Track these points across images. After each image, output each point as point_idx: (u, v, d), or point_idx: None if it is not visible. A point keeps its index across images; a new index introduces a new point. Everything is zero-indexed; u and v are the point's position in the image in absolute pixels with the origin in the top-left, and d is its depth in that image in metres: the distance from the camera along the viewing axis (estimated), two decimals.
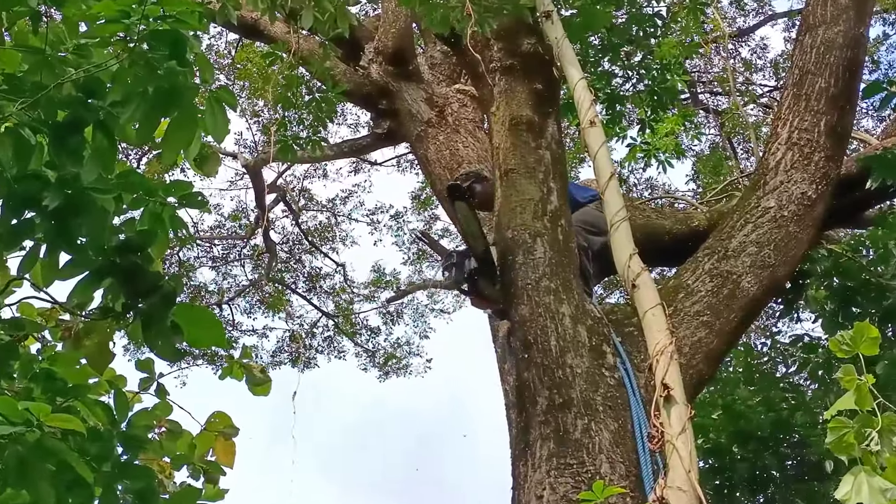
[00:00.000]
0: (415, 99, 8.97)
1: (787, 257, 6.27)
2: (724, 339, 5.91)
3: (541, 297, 5.47)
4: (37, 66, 3.44)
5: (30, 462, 3.19)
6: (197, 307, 4.05)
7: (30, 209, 3.50)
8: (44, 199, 3.42)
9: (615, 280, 14.65)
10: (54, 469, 3.27)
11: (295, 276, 18.68)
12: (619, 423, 5.02)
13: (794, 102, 6.75)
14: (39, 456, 3.20)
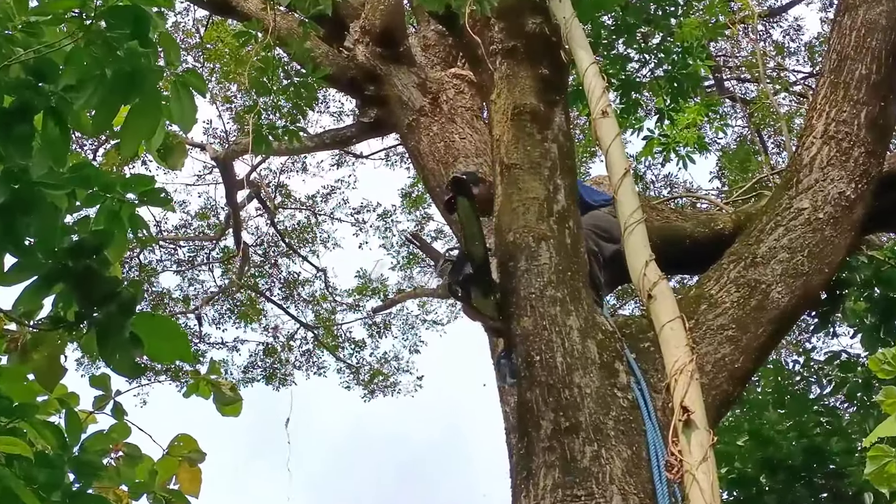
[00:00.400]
0: (406, 84, 8.98)
1: (823, 265, 6.28)
2: (751, 357, 5.90)
3: (545, 307, 5.47)
4: None
5: None
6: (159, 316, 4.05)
7: None
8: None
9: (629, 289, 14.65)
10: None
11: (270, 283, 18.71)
12: (632, 449, 5.02)
13: (832, 91, 6.76)
14: None
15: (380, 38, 9.17)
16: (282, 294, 18.75)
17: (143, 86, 3.46)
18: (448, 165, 8.14)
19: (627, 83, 8.28)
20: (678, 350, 3.20)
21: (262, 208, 17.79)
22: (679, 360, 3.14)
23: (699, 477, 2.76)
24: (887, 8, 6.75)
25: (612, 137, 4.26)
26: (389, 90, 9.06)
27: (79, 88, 3.40)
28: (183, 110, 3.66)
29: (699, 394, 3.03)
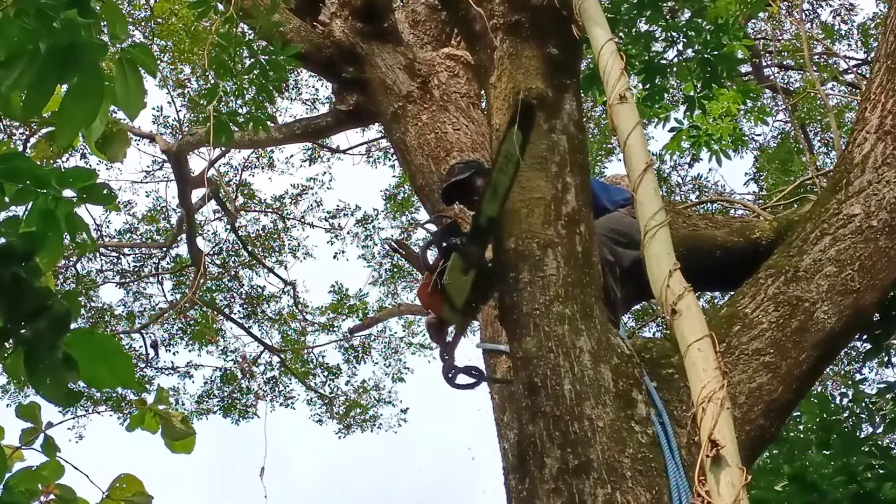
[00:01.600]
0: (391, 66, 9.00)
1: (877, 280, 6.30)
2: (791, 387, 5.92)
3: (552, 326, 5.48)
4: None
5: None
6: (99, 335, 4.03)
7: None
8: None
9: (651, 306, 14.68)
10: None
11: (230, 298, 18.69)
12: (652, 493, 5.03)
13: (888, 79, 6.80)
14: None
15: (361, 11, 9.21)
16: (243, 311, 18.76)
17: (82, 63, 3.46)
18: (439, 161, 8.17)
19: (651, 66, 8.27)
20: (706, 374, 3.21)
21: (220, 211, 17.78)
22: (707, 385, 3.15)
23: None
24: None
25: (631, 127, 4.27)
26: (371, 72, 9.08)
27: (7, 65, 3.40)
28: (129, 93, 3.67)
29: (731, 425, 3.04)
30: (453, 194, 7.07)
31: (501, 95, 6.35)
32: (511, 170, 5.68)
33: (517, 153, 5.65)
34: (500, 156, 5.66)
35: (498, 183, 5.74)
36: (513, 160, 5.65)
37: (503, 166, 5.64)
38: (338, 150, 18.62)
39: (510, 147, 5.65)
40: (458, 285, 6.20)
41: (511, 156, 5.65)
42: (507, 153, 5.64)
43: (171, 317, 18.40)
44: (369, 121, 11.01)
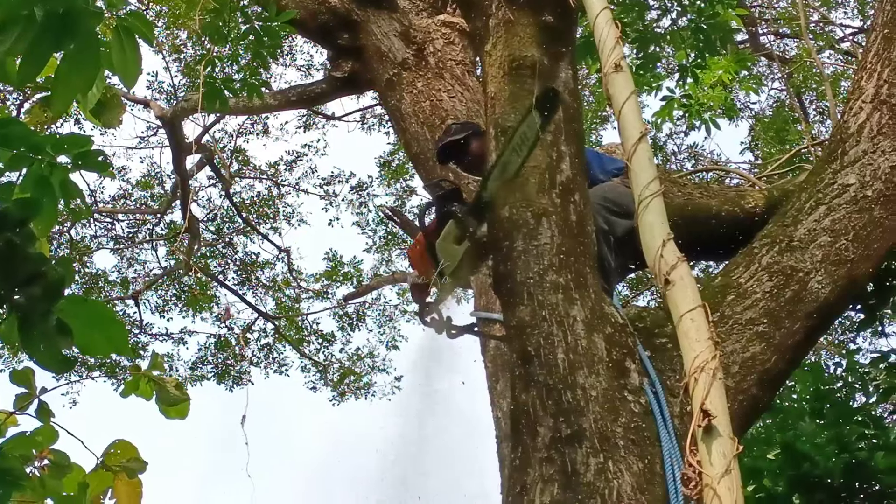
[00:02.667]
0: (386, 33, 8.98)
1: (871, 251, 6.31)
2: (785, 357, 5.93)
3: (546, 295, 5.48)
4: None
5: None
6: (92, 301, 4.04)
7: None
8: None
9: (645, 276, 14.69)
10: None
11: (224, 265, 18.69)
12: (644, 462, 5.05)
13: (885, 48, 6.79)
14: None
15: None
16: (237, 278, 18.76)
17: (78, 30, 3.45)
18: (434, 128, 8.16)
19: (645, 34, 8.29)
20: (699, 345, 3.22)
21: (215, 177, 17.78)
22: (700, 355, 3.16)
23: (721, 492, 2.78)
24: None
25: (626, 96, 4.26)
26: (367, 39, 9.06)
27: (3, 31, 3.40)
28: (126, 60, 3.66)
29: (723, 395, 3.05)
30: (448, 154, 7.08)
31: (496, 63, 6.34)
32: (525, 152, 5.68)
33: (535, 137, 5.68)
34: (516, 135, 5.67)
35: (509, 162, 5.75)
36: (528, 143, 5.67)
37: (517, 147, 5.65)
38: (333, 117, 18.61)
39: (529, 129, 5.66)
40: (448, 252, 6.23)
41: (527, 139, 5.66)
42: (524, 135, 5.65)
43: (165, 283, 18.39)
44: (364, 88, 10.99)
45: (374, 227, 18.96)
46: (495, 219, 5.87)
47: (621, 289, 15.34)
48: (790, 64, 16.35)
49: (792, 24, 16.20)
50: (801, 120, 16.30)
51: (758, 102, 17.40)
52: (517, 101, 6.13)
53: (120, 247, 18.19)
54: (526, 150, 5.66)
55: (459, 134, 6.97)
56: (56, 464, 4.83)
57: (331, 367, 19.21)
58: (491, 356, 6.55)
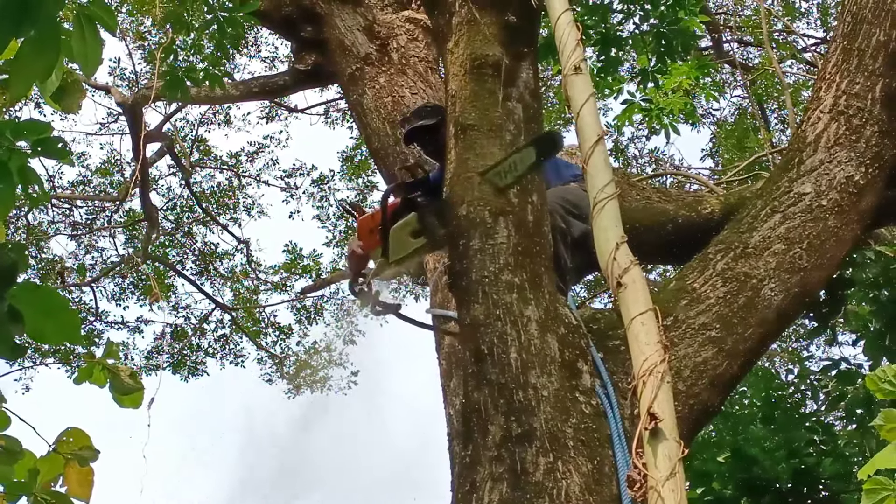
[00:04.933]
0: (350, 27, 8.97)
1: (824, 260, 6.35)
2: (737, 362, 5.96)
3: (500, 294, 5.49)
4: None
5: None
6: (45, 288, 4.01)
7: None
8: None
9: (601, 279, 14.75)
10: None
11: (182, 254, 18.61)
12: (594, 463, 5.06)
13: (844, 59, 6.84)
14: None
15: None
16: (195, 268, 18.69)
17: (38, 16, 3.42)
18: (396, 125, 8.15)
19: (607, 37, 8.30)
20: (648, 348, 3.23)
21: (175, 166, 17.72)
22: (649, 358, 3.17)
23: (665, 494, 2.80)
24: None
25: (584, 98, 4.27)
26: (330, 33, 9.05)
27: None
28: (87, 48, 3.64)
29: (670, 399, 3.06)
30: (415, 136, 7.05)
31: (458, 61, 6.34)
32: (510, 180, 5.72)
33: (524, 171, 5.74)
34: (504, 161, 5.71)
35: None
36: (514, 175, 5.70)
37: (503, 173, 5.68)
38: (295, 110, 18.58)
39: (521, 163, 5.70)
40: (401, 242, 6.24)
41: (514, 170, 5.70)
42: (514, 163, 5.69)
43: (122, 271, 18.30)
44: (328, 81, 10.96)
45: (334, 222, 18.92)
46: (453, 216, 5.87)
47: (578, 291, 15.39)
48: (752, 72, 16.43)
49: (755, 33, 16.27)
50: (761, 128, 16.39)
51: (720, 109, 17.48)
52: (478, 99, 6.14)
53: (78, 233, 18.10)
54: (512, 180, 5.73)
55: (431, 118, 6.93)
56: (7, 449, 4.80)
57: (287, 360, 19.17)
58: (445, 353, 6.55)
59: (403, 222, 6.27)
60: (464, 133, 6.05)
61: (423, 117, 7.03)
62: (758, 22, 15.69)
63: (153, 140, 15.73)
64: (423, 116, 7.04)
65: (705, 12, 10.11)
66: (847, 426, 8.59)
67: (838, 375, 8.51)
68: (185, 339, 18.60)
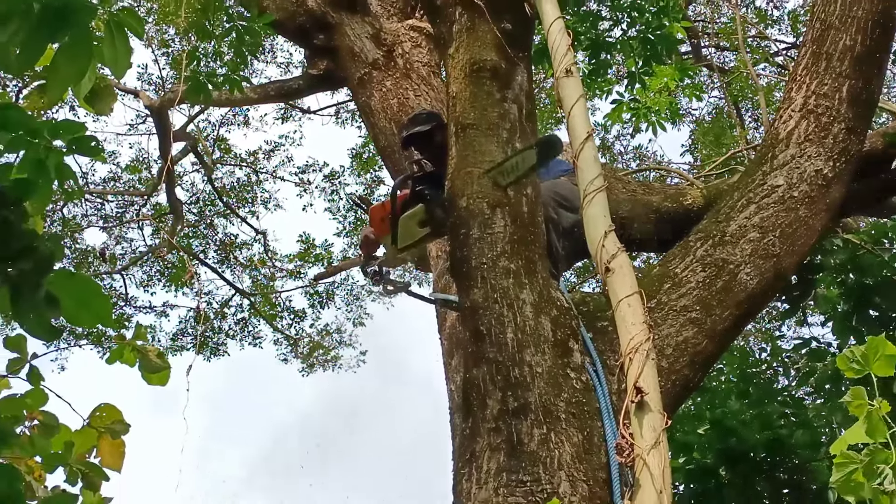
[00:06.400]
0: (359, 35, 8.96)
1: (795, 247, 6.35)
2: (715, 341, 5.96)
3: (498, 279, 5.49)
4: None
5: None
6: (79, 275, 4.00)
7: None
8: None
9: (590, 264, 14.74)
10: None
11: (205, 244, 18.61)
12: (584, 434, 5.07)
13: (813, 62, 6.83)
14: None
15: None
16: (217, 257, 18.68)
17: (73, 24, 3.42)
18: (401, 125, 8.14)
19: (596, 42, 8.30)
20: (635, 328, 3.24)
21: (198, 163, 17.70)
22: (635, 338, 3.18)
23: (650, 462, 2.81)
24: None
25: (575, 99, 4.28)
26: (341, 40, 9.04)
27: (2, 23, 3.37)
28: (117, 54, 3.63)
29: (655, 374, 3.08)
30: (412, 141, 7.06)
31: (458, 66, 6.34)
32: (512, 179, 5.73)
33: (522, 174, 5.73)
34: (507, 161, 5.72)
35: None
36: (515, 174, 5.71)
37: (506, 172, 5.69)
38: (308, 111, 18.55)
39: (523, 164, 5.70)
40: (408, 230, 6.28)
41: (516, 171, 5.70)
42: (516, 163, 5.69)
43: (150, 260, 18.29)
44: (338, 85, 10.96)
45: (344, 214, 18.88)
46: (454, 208, 5.88)
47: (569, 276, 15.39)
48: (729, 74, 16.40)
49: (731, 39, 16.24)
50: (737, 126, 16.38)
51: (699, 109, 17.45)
52: (476, 100, 6.14)
53: (108, 225, 18.07)
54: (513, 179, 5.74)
55: (425, 125, 6.94)
56: (45, 424, 4.79)
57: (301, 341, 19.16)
58: (447, 334, 6.57)
59: (412, 212, 6.31)
60: (464, 132, 6.06)
61: (418, 124, 7.04)
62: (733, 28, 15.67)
63: (178, 139, 15.79)
64: (419, 123, 7.05)
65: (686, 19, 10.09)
66: (816, 400, 8.59)
67: (808, 353, 8.51)
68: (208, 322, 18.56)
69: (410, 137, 7.02)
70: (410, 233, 6.34)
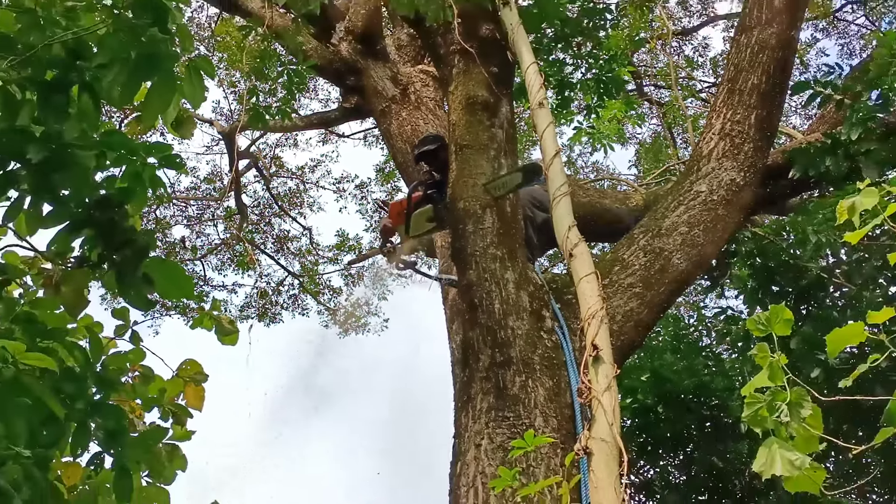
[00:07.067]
0: (381, 77, 8.94)
1: (715, 238, 6.36)
2: (653, 310, 5.97)
3: (487, 263, 5.50)
4: (28, 26, 3.40)
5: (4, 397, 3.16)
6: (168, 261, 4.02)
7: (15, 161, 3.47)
8: (28, 153, 3.39)
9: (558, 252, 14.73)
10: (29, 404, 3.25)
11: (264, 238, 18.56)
12: (553, 381, 5.07)
13: (728, 96, 6.83)
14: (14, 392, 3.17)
15: (361, 37, 9.12)
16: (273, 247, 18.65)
17: (161, 67, 3.43)
18: (413, 145, 8.14)
19: (562, 83, 8.29)
20: (592, 299, 3.25)
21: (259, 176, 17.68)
22: (592, 307, 3.18)
23: (604, 402, 2.82)
24: (777, 30, 6.81)
25: (545, 125, 4.28)
26: (367, 81, 9.02)
27: (108, 67, 3.37)
28: (194, 90, 3.64)
29: (607, 335, 3.08)
30: (422, 157, 7.08)
31: (457, 100, 6.33)
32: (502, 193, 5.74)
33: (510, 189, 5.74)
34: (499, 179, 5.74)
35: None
36: (505, 189, 5.71)
37: (498, 187, 5.70)
38: (343, 136, 18.49)
39: (511, 182, 5.70)
40: (419, 223, 6.32)
41: (506, 187, 5.71)
42: (505, 182, 5.70)
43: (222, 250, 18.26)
44: (365, 115, 10.92)
45: (371, 214, 18.83)
46: (454, 208, 5.89)
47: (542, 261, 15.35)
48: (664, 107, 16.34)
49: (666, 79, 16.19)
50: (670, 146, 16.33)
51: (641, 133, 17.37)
52: (471, 127, 6.13)
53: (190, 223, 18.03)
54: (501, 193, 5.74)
55: (432, 144, 6.96)
56: (143, 375, 4.81)
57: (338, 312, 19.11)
58: (450, 305, 6.55)
59: (422, 210, 6.33)
60: (461, 150, 6.05)
61: (427, 144, 7.06)
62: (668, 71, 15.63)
63: (243, 157, 15.77)
64: (427, 143, 7.07)
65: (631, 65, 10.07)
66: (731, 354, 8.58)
67: (725, 319, 8.48)
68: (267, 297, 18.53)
69: (421, 154, 7.03)
70: (420, 225, 6.39)
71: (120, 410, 4.08)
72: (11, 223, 3.82)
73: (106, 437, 3.86)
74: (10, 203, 3.64)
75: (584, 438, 2.74)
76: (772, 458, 2.57)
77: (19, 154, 3.42)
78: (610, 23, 8.33)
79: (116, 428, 3.89)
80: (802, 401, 2.66)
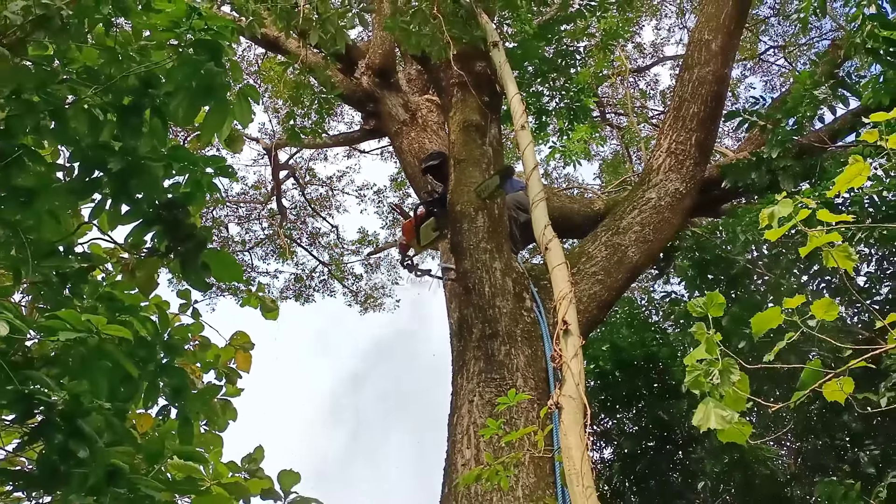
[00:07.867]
0: (394, 104, 8.93)
1: (662, 236, 6.37)
2: (613, 293, 5.99)
3: (479, 255, 5.51)
4: (109, 61, 3.39)
5: (89, 360, 3.17)
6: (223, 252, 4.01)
7: (99, 170, 3.47)
8: (109, 163, 3.39)
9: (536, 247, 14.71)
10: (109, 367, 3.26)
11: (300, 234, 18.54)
12: (532, 349, 5.09)
13: (674, 122, 6.83)
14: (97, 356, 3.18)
15: (378, 71, 9.12)
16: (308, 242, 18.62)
17: (216, 95, 3.42)
18: (421, 160, 8.15)
19: (540, 110, 8.30)
20: (562, 283, 3.24)
21: (296, 183, 17.65)
22: (562, 290, 3.18)
23: (571, 366, 2.81)
24: (713, 69, 6.81)
25: (526, 144, 4.27)
26: (383, 107, 9.02)
27: (174, 94, 3.37)
28: (243, 112, 3.63)
29: (575, 314, 3.07)
30: (428, 170, 7.10)
31: (455, 123, 6.34)
32: (487, 193, 5.76)
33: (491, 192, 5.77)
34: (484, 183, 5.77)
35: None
36: (489, 190, 5.72)
37: (483, 189, 5.71)
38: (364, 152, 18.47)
39: (492, 184, 5.71)
40: (426, 235, 6.33)
41: (489, 188, 5.73)
42: (488, 185, 5.71)
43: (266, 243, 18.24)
44: (382, 135, 10.92)
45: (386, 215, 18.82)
46: (452, 211, 5.89)
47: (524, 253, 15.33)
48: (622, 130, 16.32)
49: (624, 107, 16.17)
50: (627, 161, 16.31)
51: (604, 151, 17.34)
52: (466, 145, 6.15)
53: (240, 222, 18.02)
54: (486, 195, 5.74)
55: (436, 160, 6.98)
56: (202, 343, 4.81)
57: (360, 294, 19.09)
58: (449, 289, 6.56)
59: (427, 223, 6.38)
60: (458, 164, 6.06)
61: (432, 159, 7.08)
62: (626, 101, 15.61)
63: (283, 168, 15.76)
64: (432, 159, 7.09)
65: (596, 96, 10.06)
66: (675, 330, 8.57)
67: (670, 301, 8.49)
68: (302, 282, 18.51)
69: (427, 168, 7.05)
70: (427, 236, 6.43)
71: (183, 372, 4.06)
72: (96, 220, 3.81)
73: (171, 393, 3.84)
74: (94, 204, 3.64)
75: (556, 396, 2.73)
76: (707, 414, 2.57)
77: (102, 164, 3.43)
78: (578, 62, 8.32)
79: (180, 385, 3.88)
80: (732, 368, 2.66)
